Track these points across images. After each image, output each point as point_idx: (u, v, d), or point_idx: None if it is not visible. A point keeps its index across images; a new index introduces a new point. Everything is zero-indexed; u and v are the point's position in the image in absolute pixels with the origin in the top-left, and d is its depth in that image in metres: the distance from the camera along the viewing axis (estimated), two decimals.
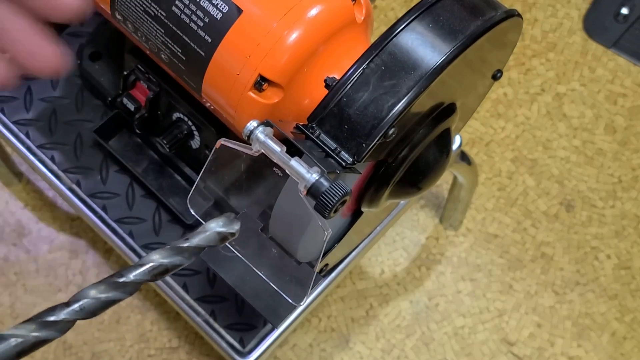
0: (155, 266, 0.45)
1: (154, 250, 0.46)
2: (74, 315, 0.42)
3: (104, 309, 0.43)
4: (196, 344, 1.13)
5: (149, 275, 0.45)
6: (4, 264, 1.17)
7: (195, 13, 0.63)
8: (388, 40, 0.56)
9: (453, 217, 1.20)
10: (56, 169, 0.91)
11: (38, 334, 0.42)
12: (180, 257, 0.46)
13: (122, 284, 0.44)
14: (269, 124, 0.53)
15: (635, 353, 1.15)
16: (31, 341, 0.41)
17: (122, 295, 0.44)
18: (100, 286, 0.44)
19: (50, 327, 0.42)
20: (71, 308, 0.42)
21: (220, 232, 0.48)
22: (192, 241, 0.47)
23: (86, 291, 0.43)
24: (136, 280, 0.45)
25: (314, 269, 0.61)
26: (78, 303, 0.43)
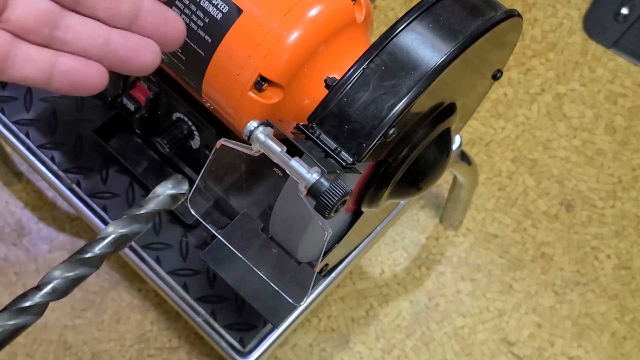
0: (117, 237, 0.46)
1: (111, 222, 0.47)
2: (47, 297, 0.44)
3: (73, 286, 0.45)
4: (196, 344, 1.13)
5: (112, 246, 0.46)
6: (4, 264, 1.17)
7: (195, 13, 0.63)
8: (388, 40, 0.56)
9: (453, 217, 1.20)
10: (56, 169, 0.91)
11: (16, 321, 0.43)
12: (138, 224, 0.47)
13: (88, 260, 0.45)
14: (269, 124, 0.53)
15: (635, 353, 1.15)
16: (10, 329, 0.42)
17: (88, 271, 0.45)
18: (67, 265, 0.45)
19: (25, 312, 0.43)
20: (43, 291, 0.44)
21: (171, 194, 0.49)
22: (147, 207, 0.48)
23: (54, 272, 0.44)
24: (100, 253, 0.46)
25: (314, 269, 0.61)
26: (49, 285, 0.44)
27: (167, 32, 0.46)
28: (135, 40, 0.45)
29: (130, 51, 0.45)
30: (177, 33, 0.47)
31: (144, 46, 0.46)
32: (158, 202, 0.49)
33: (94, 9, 0.45)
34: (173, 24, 0.46)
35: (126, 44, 0.45)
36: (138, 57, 0.45)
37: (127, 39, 0.45)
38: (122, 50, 0.45)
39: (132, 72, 0.46)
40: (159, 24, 0.46)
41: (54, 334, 1.14)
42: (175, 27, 0.47)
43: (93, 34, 0.44)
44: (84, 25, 0.44)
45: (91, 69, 0.45)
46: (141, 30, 0.46)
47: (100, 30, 0.45)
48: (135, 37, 0.45)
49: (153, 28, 0.46)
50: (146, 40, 0.46)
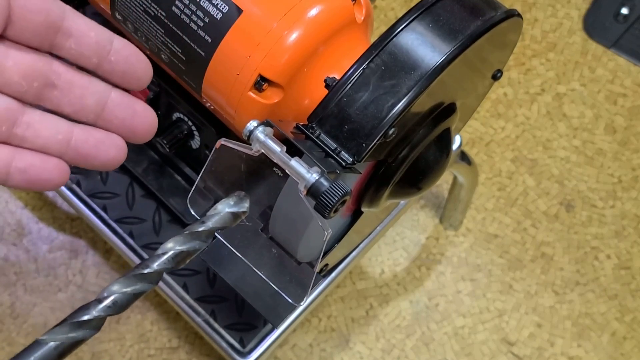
0: (176, 253, 0.46)
1: (171, 238, 0.47)
2: (106, 311, 0.43)
3: (132, 301, 0.44)
4: (196, 344, 1.13)
5: (171, 263, 0.46)
6: (4, 264, 1.17)
7: (195, 13, 0.63)
8: (388, 40, 0.56)
9: (453, 217, 1.20)
10: None
11: (75, 335, 0.42)
12: (198, 241, 0.47)
13: (147, 275, 0.45)
14: (269, 124, 0.53)
15: (635, 353, 1.15)
16: (69, 342, 0.42)
17: (148, 286, 0.45)
18: (126, 280, 0.44)
19: (84, 326, 0.43)
20: (103, 305, 0.43)
21: (232, 211, 0.49)
22: (207, 224, 0.48)
23: (113, 286, 0.44)
24: (159, 269, 0.46)
25: (314, 269, 0.61)
26: (108, 299, 0.43)
27: (136, 126, 0.46)
28: (99, 135, 0.45)
29: (92, 147, 0.44)
30: (147, 126, 0.46)
31: (106, 142, 0.45)
32: (218, 220, 0.49)
33: (58, 104, 0.44)
34: (142, 117, 0.46)
35: (88, 139, 0.44)
36: (100, 153, 0.45)
37: (90, 134, 0.45)
38: (83, 147, 0.44)
39: (95, 167, 0.45)
40: (127, 117, 0.45)
41: None
42: (145, 120, 0.46)
43: (53, 131, 0.44)
44: (44, 121, 0.44)
45: (50, 165, 0.44)
46: (108, 124, 0.45)
47: (60, 126, 0.44)
48: (99, 132, 0.45)
49: (120, 122, 0.45)
50: (110, 135, 0.45)
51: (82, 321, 0.43)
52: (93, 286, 1.16)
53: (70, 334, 0.42)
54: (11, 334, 1.14)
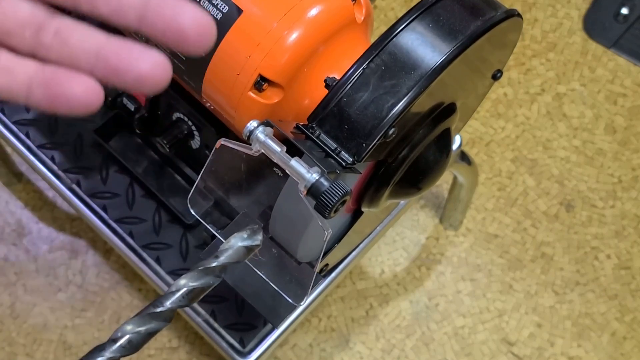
0: (190, 290, 0.46)
1: (183, 275, 0.46)
2: (120, 351, 0.43)
3: (146, 340, 0.44)
4: (196, 344, 1.13)
5: (184, 300, 0.46)
6: (4, 264, 1.17)
7: None
8: (388, 40, 0.56)
9: (453, 217, 1.20)
10: (56, 169, 0.91)
11: None
12: (211, 276, 0.47)
13: (160, 314, 0.45)
14: (269, 124, 0.53)
15: (635, 353, 1.15)
16: None
17: (161, 325, 0.45)
18: (139, 319, 0.44)
19: None
20: (117, 345, 0.43)
21: (245, 245, 0.49)
22: (220, 260, 0.48)
23: (126, 326, 0.44)
24: (172, 307, 0.46)
25: (314, 269, 0.61)
26: (123, 339, 0.43)
27: (186, 29, 0.36)
28: (134, 47, 0.37)
29: (124, 58, 0.37)
30: (199, 29, 0.36)
31: (143, 54, 0.37)
32: (231, 255, 0.48)
33: (94, 4, 0.38)
34: (192, 19, 0.36)
35: (121, 49, 0.37)
36: (133, 64, 0.37)
37: (124, 44, 0.37)
38: (114, 57, 0.37)
39: (129, 85, 0.37)
40: (174, 16, 0.36)
41: (54, 334, 1.14)
42: (196, 22, 0.36)
43: (83, 38, 0.38)
44: (74, 29, 0.38)
45: (77, 80, 0.37)
46: (152, 27, 0.37)
47: (93, 34, 0.38)
48: (135, 44, 0.37)
49: (166, 24, 0.36)
50: (148, 48, 0.37)
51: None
52: (93, 286, 1.16)
53: None
54: (11, 334, 1.14)
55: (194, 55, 0.37)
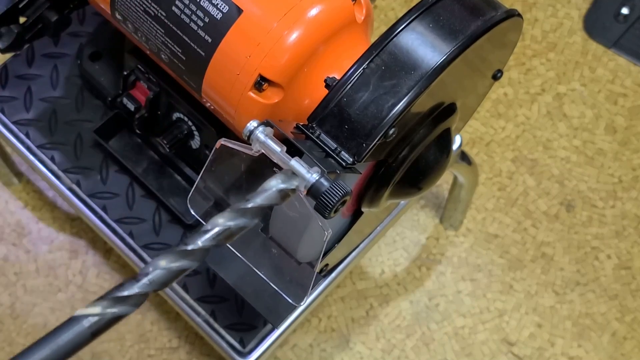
0: (221, 230, 0.45)
1: (217, 215, 0.45)
2: (145, 288, 0.42)
3: (174, 279, 0.43)
4: (196, 344, 1.13)
5: (215, 240, 0.44)
6: (4, 264, 1.17)
7: (195, 13, 0.63)
8: (388, 40, 0.56)
9: (453, 217, 1.20)
10: (56, 169, 0.91)
11: (113, 310, 0.40)
12: (244, 219, 0.45)
13: (191, 252, 0.43)
14: (269, 124, 0.53)
15: (635, 353, 1.15)
16: (106, 319, 0.40)
17: (190, 264, 0.43)
18: (169, 256, 0.43)
19: (123, 302, 0.41)
20: (142, 282, 0.41)
21: (280, 189, 0.47)
22: (255, 201, 0.46)
23: (156, 262, 0.42)
24: (204, 246, 0.44)
25: (314, 269, 0.61)
26: (148, 276, 0.42)
27: None
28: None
29: None
30: None
31: None
32: (266, 197, 0.47)
33: None
34: None
35: None
36: None
37: None
38: None
39: None
40: None
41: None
42: None
43: None
44: None
45: None
46: None
47: None
48: None
49: None
50: None
51: (121, 297, 0.41)
52: (93, 286, 1.16)
53: (109, 309, 0.40)
54: (11, 334, 1.14)
55: None
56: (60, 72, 0.95)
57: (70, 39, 0.96)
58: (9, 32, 0.77)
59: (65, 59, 0.95)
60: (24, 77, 0.95)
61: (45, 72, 0.95)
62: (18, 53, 0.95)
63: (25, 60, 0.96)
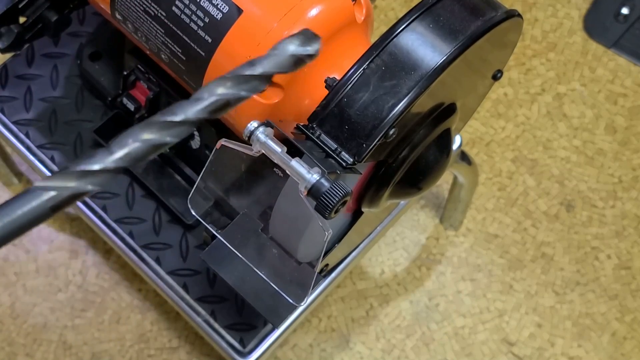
0: (217, 100, 0.37)
1: (213, 81, 0.37)
2: (117, 163, 0.35)
3: (150, 153, 0.36)
4: (196, 344, 1.13)
5: (207, 112, 0.36)
6: (4, 264, 1.17)
7: (196, 13, 0.62)
8: (388, 40, 0.56)
9: (453, 217, 1.20)
10: (56, 169, 0.91)
11: (75, 185, 0.34)
12: (246, 85, 0.37)
13: (177, 124, 0.36)
14: (270, 125, 0.53)
15: (635, 353, 1.15)
16: (66, 194, 0.34)
17: (172, 139, 0.36)
18: (150, 127, 0.35)
19: (88, 177, 0.34)
20: (115, 156, 0.35)
21: (295, 53, 0.38)
22: (262, 64, 0.37)
23: (137, 134, 0.35)
24: (194, 118, 0.36)
25: (314, 269, 0.61)
26: (123, 149, 0.35)
27: None
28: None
29: None
30: None
31: None
32: (276, 62, 0.38)
33: None
34: None
35: None
36: None
37: None
38: None
39: None
40: None
41: (54, 334, 1.14)
42: None
43: None
44: None
45: None
46: None
47: None
48: None
49: None
50: None
51: (88, 171, 0.34)
52: (93, 286, 1.16)
53: (71, 183, 0.34)
54: (11, 334, 1.14)
55: None
56: (60, 72, 0.95)
57: (70, 39, 0.96)
58: (9, 32, 0.77)
59: (65, 59, 0.95)
60: (24, 77, 0.95)
61: (45, 72, 0.95)
62: (18, 53, 0.95)
63: (25, 60, 0.96)
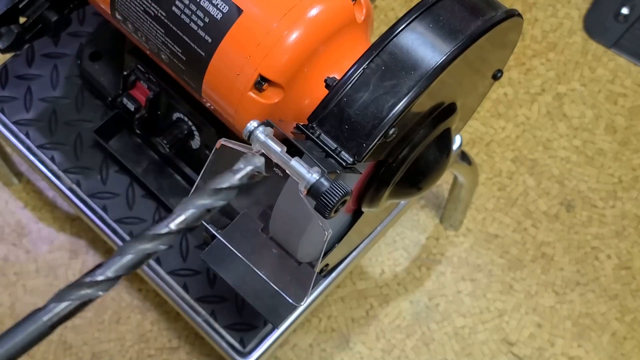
0: (195, 213, 0.42)
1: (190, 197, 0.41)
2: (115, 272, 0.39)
3: (141, 263, 0.40)
4: (196, 344, 1.13)
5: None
6: (4, 264, 1.17)
7: (196, 13, 0.62)
8: (388, 40, 0.56)
9: (453, 217, 1.20)
10: (56, 169, 0.91)
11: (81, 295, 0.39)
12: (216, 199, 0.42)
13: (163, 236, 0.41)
14: (269, 124, 0.53)
15: (635, 353, 1.15)
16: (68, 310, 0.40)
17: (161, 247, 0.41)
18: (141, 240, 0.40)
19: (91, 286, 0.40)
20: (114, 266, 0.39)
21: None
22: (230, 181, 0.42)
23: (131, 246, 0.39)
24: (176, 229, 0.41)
25: (314, 269, 0.61)
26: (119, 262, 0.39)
27: None
28: None
29: None
30: None
31: None
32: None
33: None
34: None
35: None
36: None
37: None
38: None
39: None
40: None
41: (54, 334, 1.14)
42: None
43: None
44: None
45: None
46: None
47: None
48: None
49: None
50: None
51: (93, 282, 0.39)
52: None
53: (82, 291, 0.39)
54: None
55: None
56: (60, 72, 0.95)
57: (70, 39, 0.96)
58: (9, 32, 0.77)
59: (65, 59, 0.95)
60: (24, 77, 0.95)
61: (45, 72, 0.95)
62: (18, 53, 0.95)
63: (25, 60, 0.96)
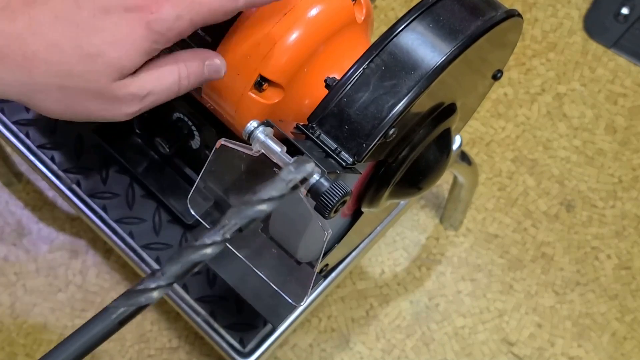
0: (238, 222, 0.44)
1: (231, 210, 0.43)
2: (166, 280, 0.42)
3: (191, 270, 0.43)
4: (196, 344, 1.13)
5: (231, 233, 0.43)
6: (4, 264, 1.17)
7: None
8: (388, 40, 0.56)
9: (453, 217, 1.20)
10: (56, 169, 0.91)
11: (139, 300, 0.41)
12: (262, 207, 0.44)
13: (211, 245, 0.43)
14: (269, 124, 0.53)
15: (635, 353, 1.15)
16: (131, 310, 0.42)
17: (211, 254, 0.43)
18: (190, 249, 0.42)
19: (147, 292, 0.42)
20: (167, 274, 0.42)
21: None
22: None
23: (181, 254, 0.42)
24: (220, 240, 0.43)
25: (314, 269, 0.61)
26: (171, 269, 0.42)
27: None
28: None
29: None
30: None
31: None
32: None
33: None
34: None
35: None
36: None
37: None
38: None
39: None
40: None
41: (54, 334, 1.14)
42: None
43: None
44: None
45: None
46: None
47: None
48: None
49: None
50: None
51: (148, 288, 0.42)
52: (93, 286, 1.16)
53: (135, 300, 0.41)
54: (11, 334, 1.14)
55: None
56: None
57: None
58: None
59: None
60: None
61: None
62: None
63: None
